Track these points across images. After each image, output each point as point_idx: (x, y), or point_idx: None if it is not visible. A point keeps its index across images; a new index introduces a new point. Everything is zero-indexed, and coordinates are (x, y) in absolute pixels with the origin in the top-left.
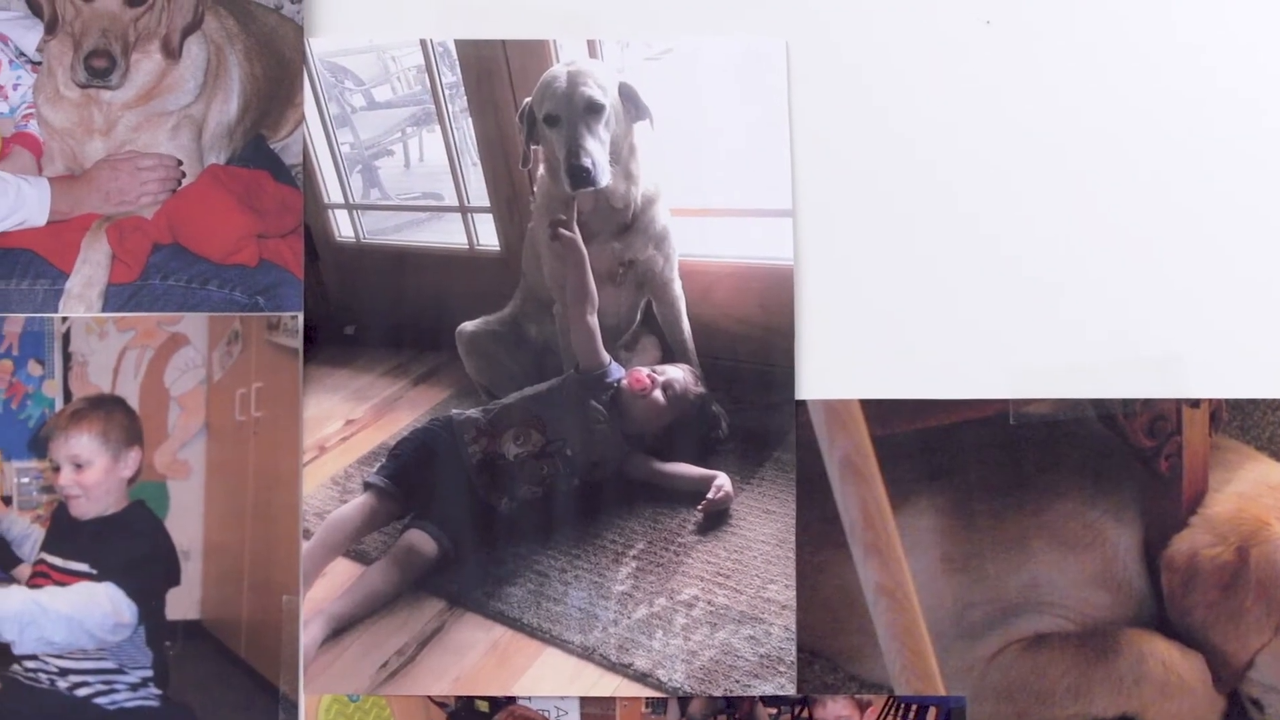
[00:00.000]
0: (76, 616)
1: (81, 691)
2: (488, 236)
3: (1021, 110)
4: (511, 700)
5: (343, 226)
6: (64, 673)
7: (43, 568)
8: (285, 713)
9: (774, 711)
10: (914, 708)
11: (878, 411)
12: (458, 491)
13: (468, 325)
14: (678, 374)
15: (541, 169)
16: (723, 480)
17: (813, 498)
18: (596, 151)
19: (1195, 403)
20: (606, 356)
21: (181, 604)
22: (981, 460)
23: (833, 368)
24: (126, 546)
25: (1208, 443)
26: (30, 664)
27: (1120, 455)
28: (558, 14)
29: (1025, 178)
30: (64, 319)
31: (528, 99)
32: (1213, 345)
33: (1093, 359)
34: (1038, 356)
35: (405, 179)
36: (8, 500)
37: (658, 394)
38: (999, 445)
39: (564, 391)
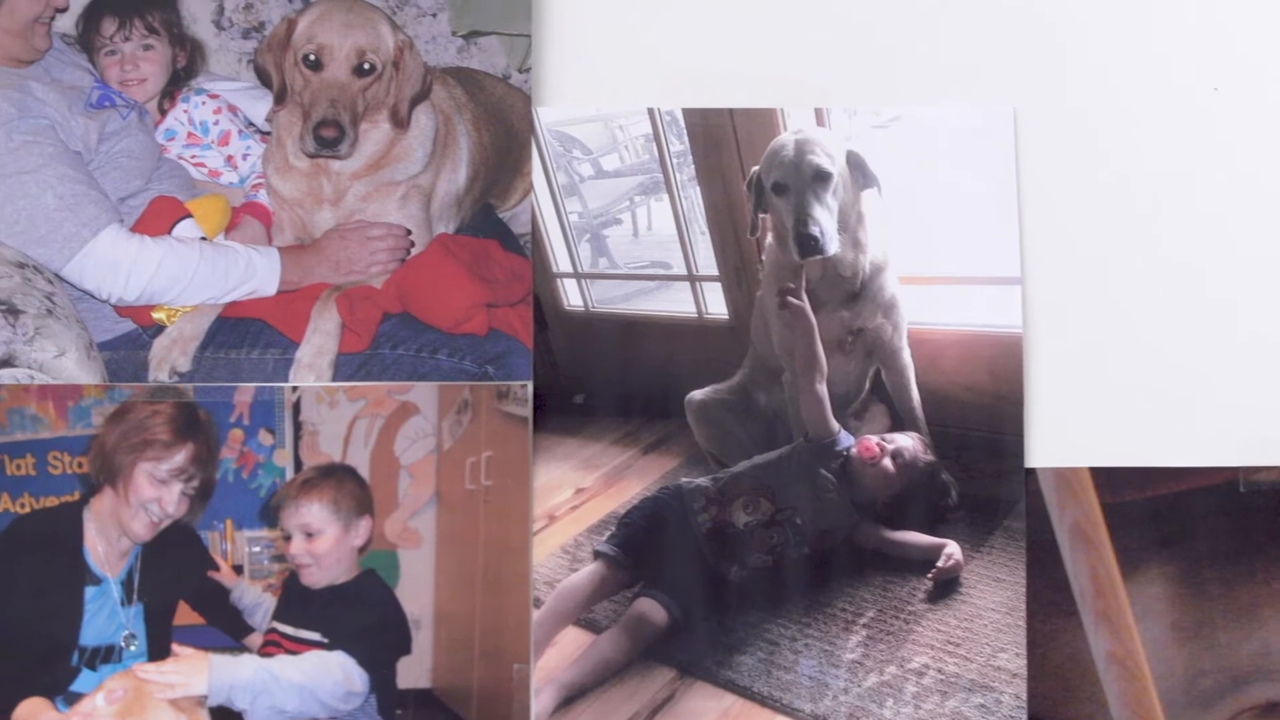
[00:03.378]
0: (308, 685)
1: None
2: (716, 305)
3: (1252, 176)
4: None
5: (571, 295)
6: None
7: (274, 636)
8: None
9: None
10: None
11: (1107, 479)
12: (688, 560)
13: (697, 393)
14: (907, 442)
15: (770, 237)
16: (953, 548)
17: (1043, 565)
18: (824, 220)
19: None
20: (836, 425)
21: (412, 672)
22: (1211, 528)
23: (1062, 435)
24: (358, 615)
25: None
26: None
27: None
28: (785, 82)
29: (1256, 244)
30: (294, 388)
31: (755, 167)
32: None
33: None
34: (1268, 424)
35: (633, 248)
36: (240, 569)
37: (887, 462)
38: (1229, 513)
39: (793, 460)
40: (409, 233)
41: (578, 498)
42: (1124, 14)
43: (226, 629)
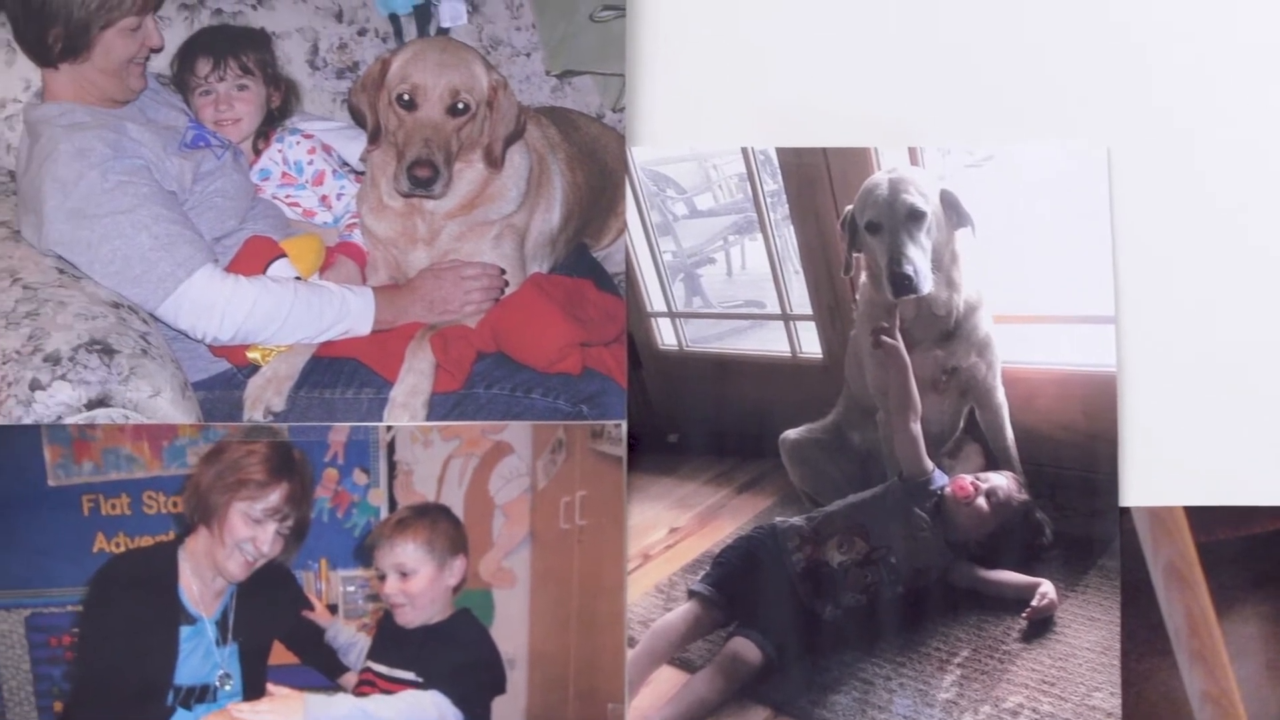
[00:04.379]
0: None
1: None
2: (810, 344)
3: None
4: None
5: (665, 334)
6: None
7: (369, 676)
8: None
9: None
10: None
11: (1202, 518)
12: (782, 599)
13: (791, 433)
14: (1001, 481)
15: (863, 276)
16: (1047, 588)
17: (1137, 605)
18: (918, 259)
19: None
20: (930, 464)
21: (507, 712)
22: None
23: (1157, 474)
24: (452, 655)
25: None
26: None
27: None
28: (879, 122)
29: None
30: (389, 428)
31: (849, 206)
32: None
33: None
34: None
35: (727, 287)
36: (334, 609)
37: (981, 501)
38: None
39: (888, 499)
40: (503, 272)
41: (672, 537)
42: (1218, 51)
43: (321, 668)
